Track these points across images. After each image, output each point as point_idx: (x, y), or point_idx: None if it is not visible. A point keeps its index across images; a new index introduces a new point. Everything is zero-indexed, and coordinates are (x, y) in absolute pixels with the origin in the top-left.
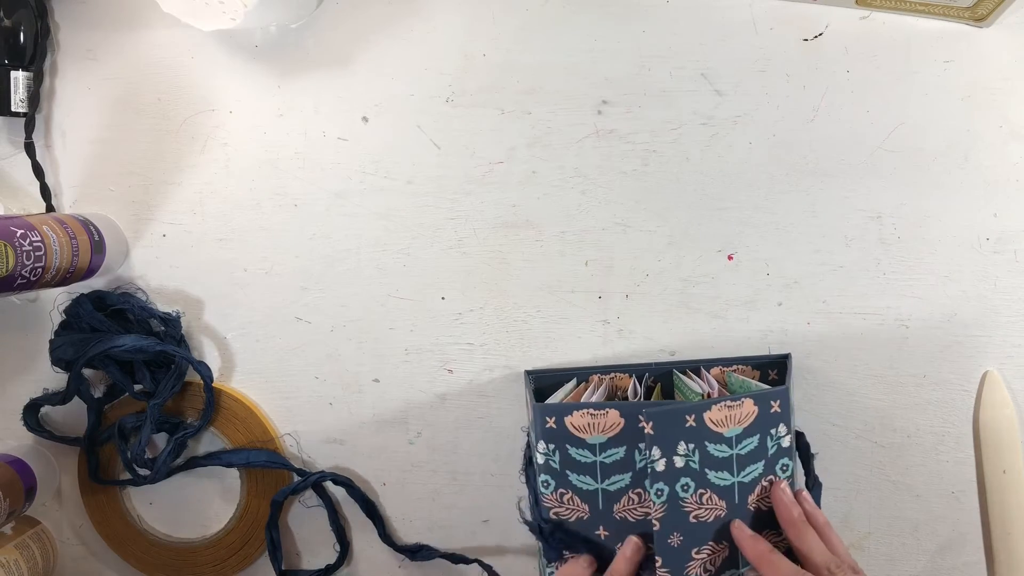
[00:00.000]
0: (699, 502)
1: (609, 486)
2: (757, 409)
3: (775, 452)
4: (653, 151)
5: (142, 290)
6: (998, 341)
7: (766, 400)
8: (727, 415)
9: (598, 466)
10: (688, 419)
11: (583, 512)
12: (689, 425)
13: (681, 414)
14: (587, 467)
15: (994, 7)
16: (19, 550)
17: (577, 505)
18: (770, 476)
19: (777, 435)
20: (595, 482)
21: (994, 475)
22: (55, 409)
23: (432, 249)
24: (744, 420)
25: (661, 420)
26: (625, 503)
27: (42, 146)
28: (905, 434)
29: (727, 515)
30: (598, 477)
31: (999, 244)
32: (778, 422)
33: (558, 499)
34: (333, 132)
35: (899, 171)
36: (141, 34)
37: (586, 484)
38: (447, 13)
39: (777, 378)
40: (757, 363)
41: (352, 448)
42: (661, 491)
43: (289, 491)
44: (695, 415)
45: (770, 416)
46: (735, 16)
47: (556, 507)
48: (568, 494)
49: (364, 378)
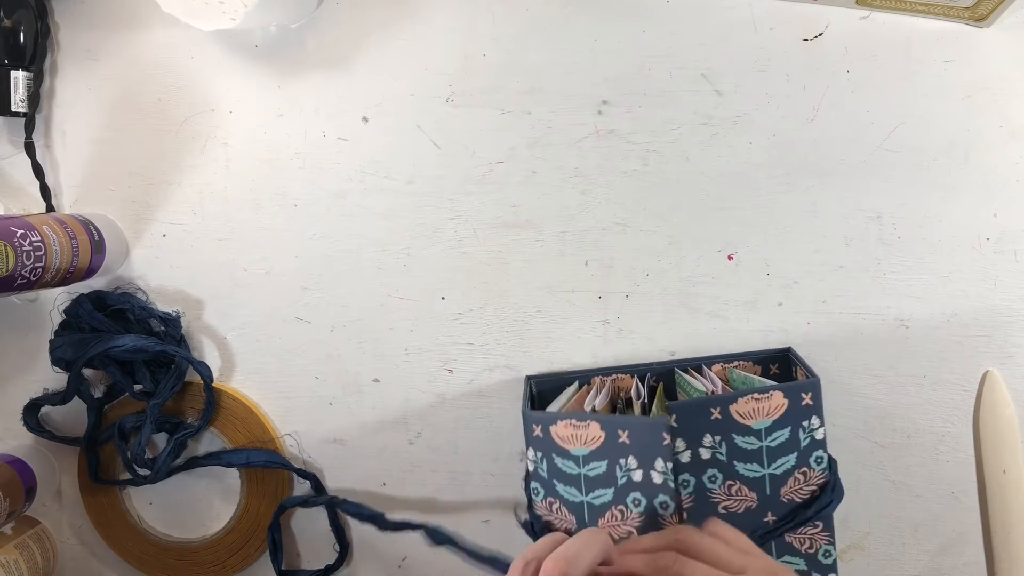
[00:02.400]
0: (728, 493)
1: (593, 500)
2: (787, 402)
3: (808, 444)
4: (653, 151)
5: (142, 290)
6: (998, 341)
7: (796, 393)
8: (754, 407)
9: (582, 479)
10: (713, 412)
11: (570, 524)
12: (715, 418)
13: (706, 407)
14: (572, 479)
15: (994, 7)
16: (19, 550)
17: (565, 516)
18: (803, 468)
19: (810, 427)
20: (580, 494)
21: (994, 475)
22: (55, 409)
23: (432, 249)
24: (773, 413)
25: (685, 412)
26: (609, 519)
27: (42, 146)
28: (905, 434)
29: (759, 507)
30: (583, 490)
31: (999, 244)
32: (810, 414)
33: (548, 508)
34: (333, 132)
35: (899, 171)
36: (141, 34)
37: (572, 496)
38: (447, 13)
39: (779, 372)
40: (758, 358)
41: (352, 448)
42: (687, 482)
43: (298, 503)
44: (720, 407)
45: (801, 408)
46: (735, 16)
47: (546, 515)
48: (556, 503)
49: (364, 378)
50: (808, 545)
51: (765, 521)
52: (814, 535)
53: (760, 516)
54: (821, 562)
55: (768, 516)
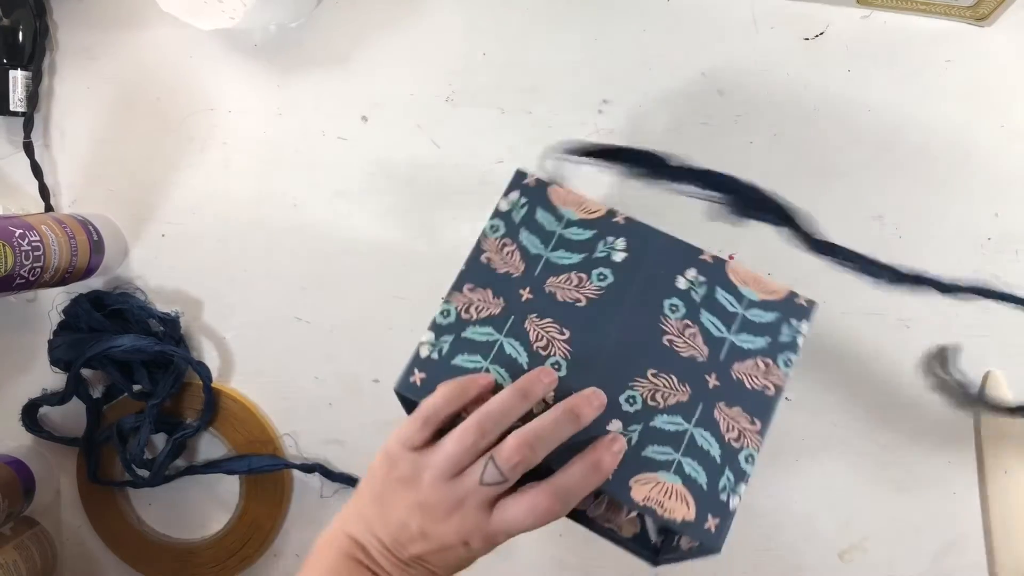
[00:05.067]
0: (680, 332)
1: (557, 259)
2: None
3: (788, 342)
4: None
5: (141, 290)
6: (998, 341)
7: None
8: (754, 277)
9: (555, 236)
10: (706, 254)
11: (515, 270)
12: (704, 260)
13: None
14: (544, 233)
15: (995, 7)
16: (18, 551)
17: (513, 262)
18: (768, 359)
19: (797, 328)
20: (544, 249)
21: (995, 475)
22: (54, 409)
23: (432, 249)
24: (767, 293)
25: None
26: (563, 280)
27: (41, 145)
28: (905, 434)
29: (705, 364)
30: (550, 245)
31: (1000, 244)
32: (802, 316)
33: (497, 247)
34: (333, 132)
35: (900, 171)
36: (140, 34)
37: (534, 247)
38: (447, 13)
39: None
40: None
41: (352, 448)
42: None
43: None
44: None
45: (795, 306)
46: (735, 16)
47: (491, 254)
48: (512, 247)
49: (364, 378)
50: (735, 435)
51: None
52: (746, 429)
53: (703, 372)
54: (739, 462)
55: (711, 378)
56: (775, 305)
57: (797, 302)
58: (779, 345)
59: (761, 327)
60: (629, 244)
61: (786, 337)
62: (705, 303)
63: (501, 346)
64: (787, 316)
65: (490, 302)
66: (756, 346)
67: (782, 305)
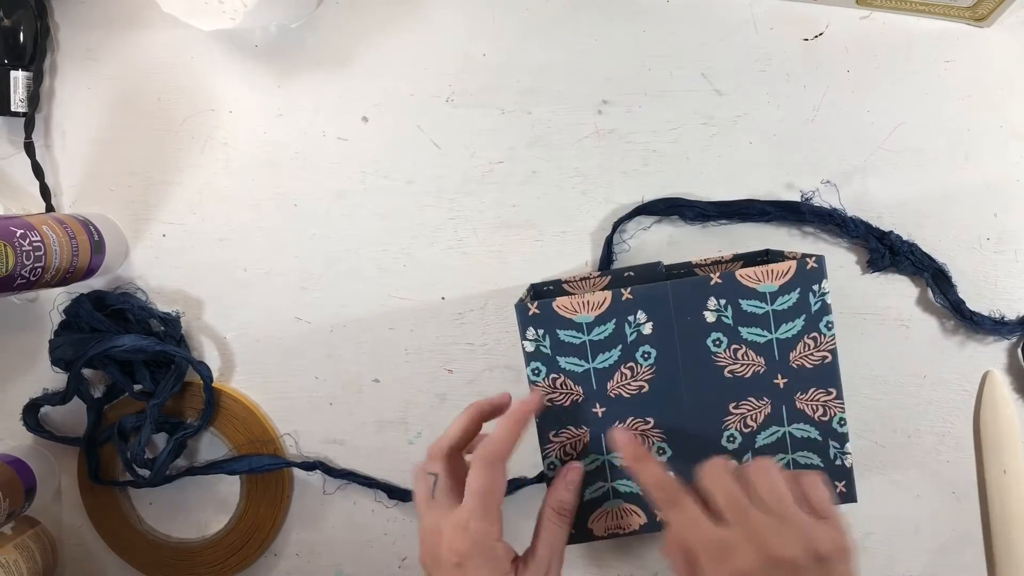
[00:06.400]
0: (734, 357)
1: (599, 364)
2: (795, 265)
3: (820, 308)
4: (653, 151)
5: (142, 290)
6: (998, 341)
7: (803, 260)
8: (762, 271)
9: (587, 345)
10: (713, 277)
11: (577, 395)
12: (715, 283)
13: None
14: (577, 349)
15: (994, 7)
16: (19, 550)
17: (571, 388)
18: (813, 333)
19: (820, 291)
20: (585, 362)
21: (994, 475)
22: (55, 409)
23: (432, 249)
24: (781, 277)
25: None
26: (618, 380)
27: (42, 146)
28: (905, 434)
29: (767, 371)
30: (588, 357)
31: (999, 244)
32: (820, 278)
33: (551, 384)
34: (333, 132)
35: (899, 171)
36: (141, 34)
37: (577, 366)
38: (447, 13)
39: None
40: None
41: (352, 448)
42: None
43: None
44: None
45: (808, 273)
46: (735, 16)
47: (550, 393)
48: (560, 378)
49: (364, 378)
50: (822, 412)
51: (775, 383)
52: (828, 402)
53: (770, 379)
54: (836, 430)
55: (779, 379)
56: (793, 283)
57: (808, 269)
58: (814, 316)
59: (792, 310)
60: (649, 312)
61: (816, 305)
62: (738, 320)
63: (609, 464)
64: (807, 286)
65: (576, 435)
66: (797, 329)
67: (798, 279)
